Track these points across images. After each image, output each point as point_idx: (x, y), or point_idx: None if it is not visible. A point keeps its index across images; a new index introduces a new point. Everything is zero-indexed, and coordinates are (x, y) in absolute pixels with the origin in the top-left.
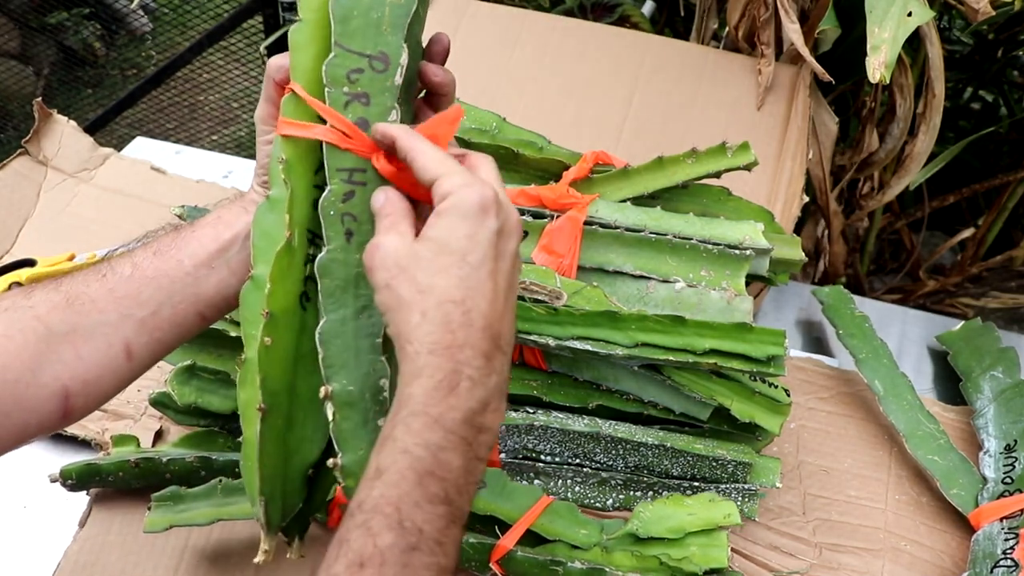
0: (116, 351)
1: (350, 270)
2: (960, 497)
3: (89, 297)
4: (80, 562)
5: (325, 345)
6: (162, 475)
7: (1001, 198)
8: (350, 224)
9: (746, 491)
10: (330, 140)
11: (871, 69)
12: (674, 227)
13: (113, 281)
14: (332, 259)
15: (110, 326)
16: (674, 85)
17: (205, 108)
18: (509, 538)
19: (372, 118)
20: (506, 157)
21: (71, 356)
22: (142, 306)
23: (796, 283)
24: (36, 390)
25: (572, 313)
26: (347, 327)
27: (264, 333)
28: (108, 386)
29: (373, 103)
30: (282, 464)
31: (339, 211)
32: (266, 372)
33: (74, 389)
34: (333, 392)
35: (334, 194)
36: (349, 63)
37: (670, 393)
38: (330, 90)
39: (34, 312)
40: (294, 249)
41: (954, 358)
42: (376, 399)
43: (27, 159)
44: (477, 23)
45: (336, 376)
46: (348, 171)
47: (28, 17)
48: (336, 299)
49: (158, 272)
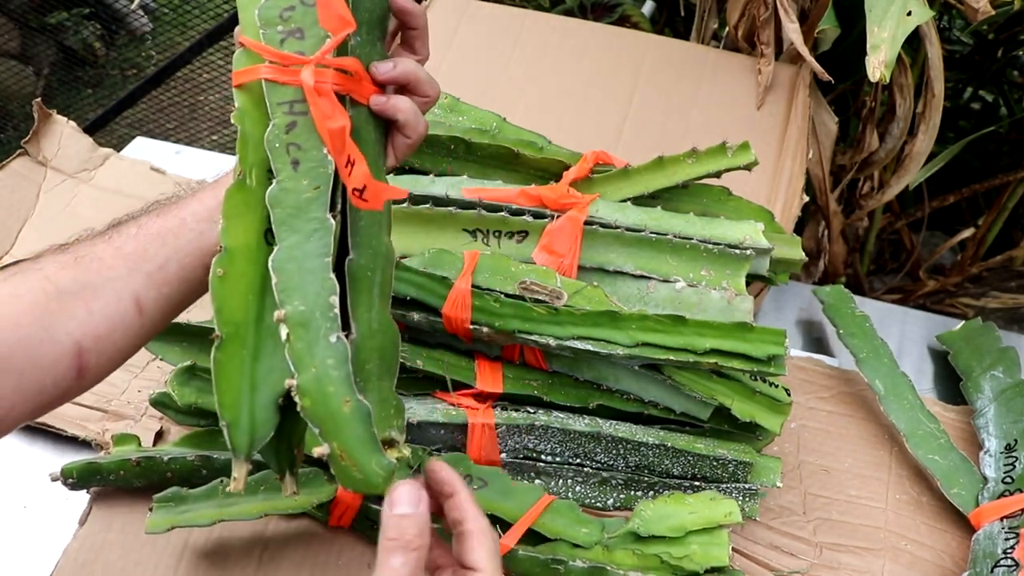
0: (126, 305)
1: (299, 197)
2: (960, 497)
3: (96, 255)
4: (80, 560)
5: (278, 271)
6: (163, 474)
7: (1001, 198)
8: (295, 153)
9: (747, 490)
10: (268, 77)
11: (871, 68)
12: (674, 227)
13: (119, 241)
14: (281, 189)
15: (119, 281)
16: (674, 85)
17: (205, 108)
18: (510, 537)
19: (308, 50)
20: (506, 157)
21: (82, 312)
22: (149, 261)
23: (796, 283)
24: (50, 346)
25: (573, 313)
26: (298, 251)
27: (216, 265)
28: (121, 342)
29: (307, 36)
30: (248, 392)
31: (284, 142)
32: (221, 303)
33: (87, 345)
34: (287, 315)
35: (277, 127)
36: (281, 3)
37: (671, 393)
38: (265, 31)
39: (43, 272)
40: (250, 188)
41: (954, 358)
42: (327, 316)
43: (27, 159)
44: (477, 23)
45: (289, 299)
46: (288, 103)
47: (28, 17)
48: (288, 226)
49: (162, 229)
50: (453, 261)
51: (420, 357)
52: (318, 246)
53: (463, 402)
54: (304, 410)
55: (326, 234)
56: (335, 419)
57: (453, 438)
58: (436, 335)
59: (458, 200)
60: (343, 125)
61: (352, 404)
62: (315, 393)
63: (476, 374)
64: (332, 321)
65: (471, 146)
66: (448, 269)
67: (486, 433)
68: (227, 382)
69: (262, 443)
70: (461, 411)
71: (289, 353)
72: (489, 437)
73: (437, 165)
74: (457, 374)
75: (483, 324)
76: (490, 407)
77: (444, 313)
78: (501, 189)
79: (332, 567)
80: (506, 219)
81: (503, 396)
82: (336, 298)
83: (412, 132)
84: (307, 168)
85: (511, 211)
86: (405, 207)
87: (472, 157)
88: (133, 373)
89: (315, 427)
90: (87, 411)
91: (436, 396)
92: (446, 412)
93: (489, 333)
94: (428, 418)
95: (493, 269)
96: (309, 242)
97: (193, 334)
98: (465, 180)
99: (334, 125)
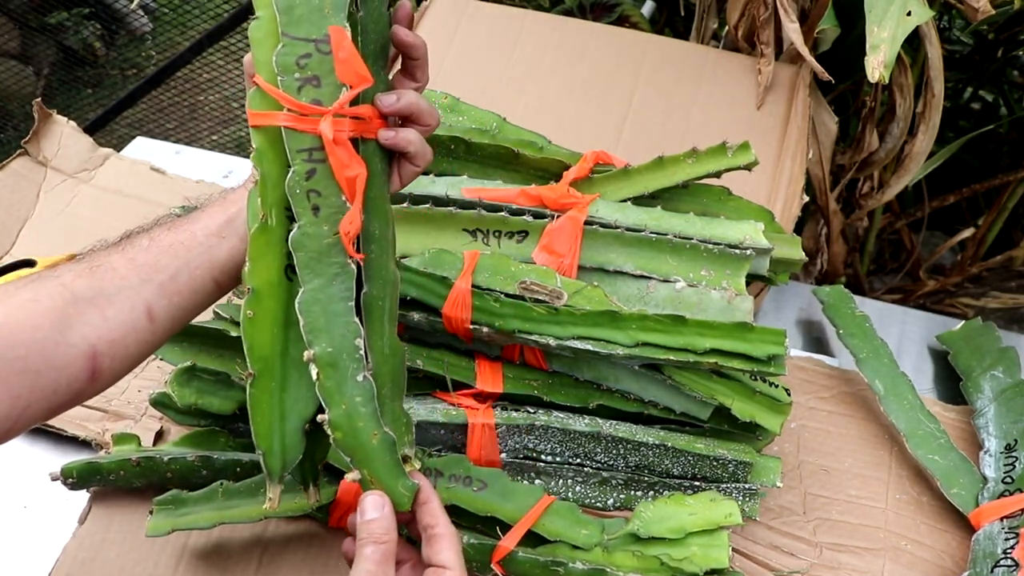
0: (139, 313)
1: (320, 242)
2: (960, 497)
3: (111, 265)
4: (79, 559)
5: (305, 313)
6: (163, 474)
7: (1001, 198)
8: (315, 200)
9: (747, 490)
10: (288, 124)
11: (870, 69)
12: (674, 227)
13: (132, 252)
14: (303, 234)
15: (132, 290)
16: (674, 85)
17: (205, 108)
18: (510, 539)
19: (325, 98)
20: (506, 157)
21: (97, 318)
22: (161, 271)
23: (796, 283)
24: (65, 349)
25: (573, 313)
26: (322, 294)
27: (247, 307)
28: (133, 347)
29: (324, 84)
30: (279, 420)
31: (304, 189)
32: (252, 341)
33: (101, 348)
34: (316, 355)
35: (297, 174)
36: (297, 50)
37: (671, 392)
38: (283, 78)
39: (60, 280)
40: (271, 228)
41: (954, 358)
42: (353, 357)
43: (27, 159)
44: (477, 23)
45: (317, 340)
46: (307, 151)
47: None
48: (311, 270)
49: (174, 242)
50: (453, 261)
51: (420, 357)
52: (340, 289)
53: (463, 402)
54: (336, 441)
55: (348, 278)
56: (365, 450)
57: (453, 438)
58: (436, 335)
59: (458, 200)
60: (359, 174)
61: (379, 436)
62: (346, 428)
63: (476, 374)
64: (358, 362)
65: (471, 146)
66: (448, 269)
67: (486, 433)
68: (261, 415)
69: (292, 465)
70: (461, 411)
71: (320, 390)
72: (489, 437)
73: (437, 165)
74: (457, 374)
75: (483, 324)
76: (490, 407)
77: (444, 313)
78: (501, 189)
79: (332, 568)
80: (506, 219)
81: (503, 396)
82: (361, 340)
83: (420, 161)
84: (327, 214)
85: (511, 211)
86: (405, 207)
87: (472, 157)
88: (134, 373)
89: (346, 455)
90: (87, 411)
91: (436, 396)
92: (446, 412)
93: (489, 333)
94: (428, 418)
95: (493, 269)
96: (332, 286)
97: (193, 335)
98: (465, 180)
99: (351, 173)
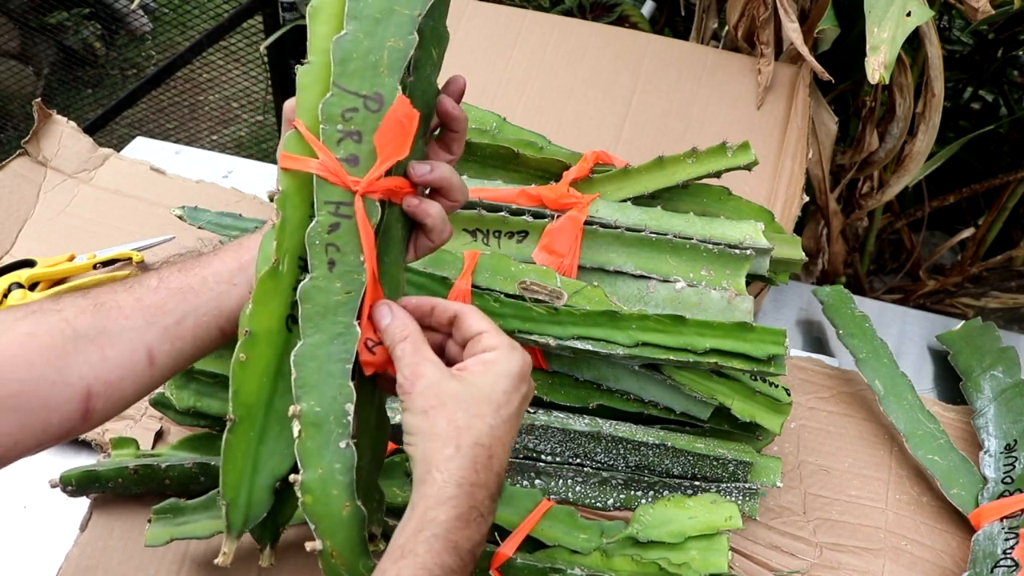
0: (139, 356)
1: (330, 298)
2: (960, 497)
3: (116, 304)
4: (81, 566)
5: (299, 367)
6: (161, 481)
7: (1001, 198)
8: (333, 254)
9: (747, 490)
10: (320, 174)
11: (871, 69)
12: (674, 227)
13: (140, 292)
14: (314, 286)
15: (135, 331)
16: (674, 85)
17: (205, 108)
18: (509, 545)
19: (363, 155)
20: (506, 157)
21: (96, 357)
22: (167, 315)
23: (796, 283)
24: (61, 388)
25: (573, 313)
26: (321, 351)
27: (240, 350)
28: (129, 390)
29: (365, 140)
30: (250, 473)
31: (324, 241)
32: (239, 386)
33: (97, 390)
34: (302, 412)
35: (320, 225)
36: (345, 103)
37: (671, 392)
38: (325, 127)
39: (62, 315)
40: (281, 274)
41: (954, 358)
42: (340, 422)
43: (27, 160)
44: (477, 23)
45: (306, 397)
46: (335, 204)
47: (28, 17)
48: (314, 324)
49: (183, 285)
50: (453, 261)
51: None
52: (340, 350)
53: None
54: (305, 506)
55: (350, 340)
56: (333, 521)
57: None
58: None
59: None
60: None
61: (351, 509)
62: (318, 493)
63: None
64: (344, 428)
65: (471, 146)
66: (448, 269)
67: None
68: (232, 463)
69: (255, 523)
70: None
71: (298, 449)
72: None
73: None
74: None
75: None
76: None
77: None
78: (501, 189)
79: None
80: (506, 219)
81: None
82: (352, 406)
83: (436, 238)
84: (342, 271)
85: (511, 211)
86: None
87: (472, 157)
88: None
89: (312, 523)
90: None
91: None
92: None
93: None
94: None
95: (493, 269)
96: (332, 344)
97: None
98: (465, 180)
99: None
